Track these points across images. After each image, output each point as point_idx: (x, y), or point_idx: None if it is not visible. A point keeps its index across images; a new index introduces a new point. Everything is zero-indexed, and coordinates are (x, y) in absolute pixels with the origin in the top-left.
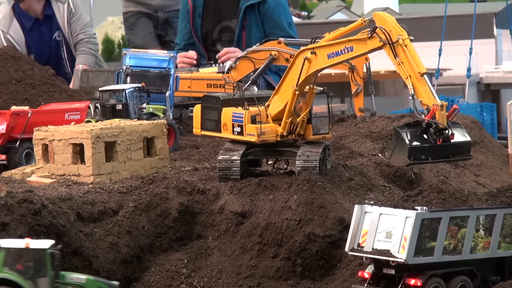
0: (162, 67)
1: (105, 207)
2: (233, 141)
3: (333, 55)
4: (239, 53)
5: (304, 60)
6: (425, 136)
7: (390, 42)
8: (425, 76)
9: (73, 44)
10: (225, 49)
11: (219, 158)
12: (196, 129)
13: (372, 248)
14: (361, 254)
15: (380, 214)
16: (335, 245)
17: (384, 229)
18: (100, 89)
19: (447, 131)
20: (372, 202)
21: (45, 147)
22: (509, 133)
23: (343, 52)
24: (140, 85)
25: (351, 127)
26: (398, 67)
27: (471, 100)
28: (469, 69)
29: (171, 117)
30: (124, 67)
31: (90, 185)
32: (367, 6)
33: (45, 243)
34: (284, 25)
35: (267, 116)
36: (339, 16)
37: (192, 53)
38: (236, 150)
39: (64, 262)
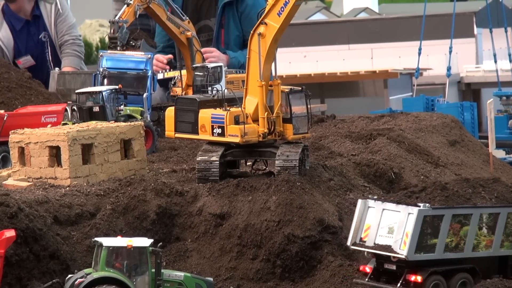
0: (139, 69)
1: (82, 210)
2: (211, 143)
3: (282, 9)
4: (216, 53)
5: (259, 37)
6: None
7: None
8: None
9: (58, 45)
10: (202, 49)
11: (198, 159)
12: (169, 132)
13: (374, 243)
14: (362, 249)
15: (383, 209)
16: (314, 246)
17: (387, 224)
18: (77, 91)
19: None
20: (375, 197)
21: (22, 150)
22: (489, 132)
23: None
24: (117, 87)
25: (330, 128)
26: None
27: (452, 99)
28: (449, 68)
29: (148, 119)
30: (101, 69)
31: (67, 188)
32: (346, 7)
33: (146, 242)
34: None
35: (246, 117)
36: (319, 17)
37: (164, 58)
38: (215, 151)
39: (41, 266)
